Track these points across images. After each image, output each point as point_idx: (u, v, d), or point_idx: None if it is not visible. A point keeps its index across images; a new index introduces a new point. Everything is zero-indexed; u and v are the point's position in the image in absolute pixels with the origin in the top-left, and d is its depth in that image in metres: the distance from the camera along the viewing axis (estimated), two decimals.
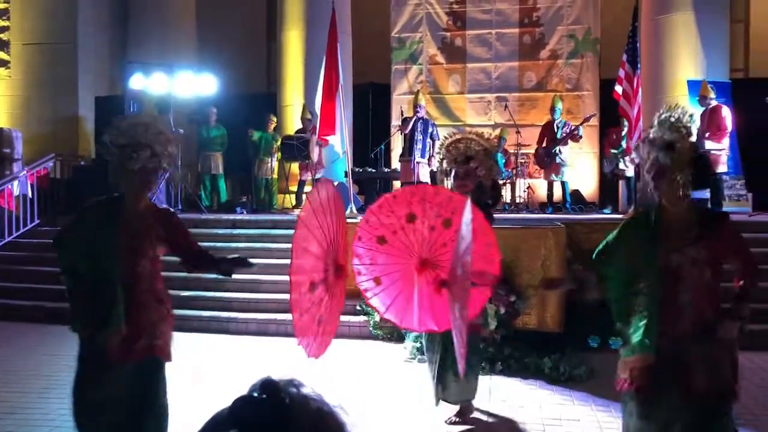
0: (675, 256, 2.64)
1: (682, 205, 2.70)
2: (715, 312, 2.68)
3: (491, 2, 12.69)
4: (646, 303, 2.67)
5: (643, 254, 2.71)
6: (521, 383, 5.35)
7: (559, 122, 10.60)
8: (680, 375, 2.63)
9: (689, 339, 2.63)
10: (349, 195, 8.66)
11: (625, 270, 2.78)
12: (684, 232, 2.66)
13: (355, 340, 6.68)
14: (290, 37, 11.96)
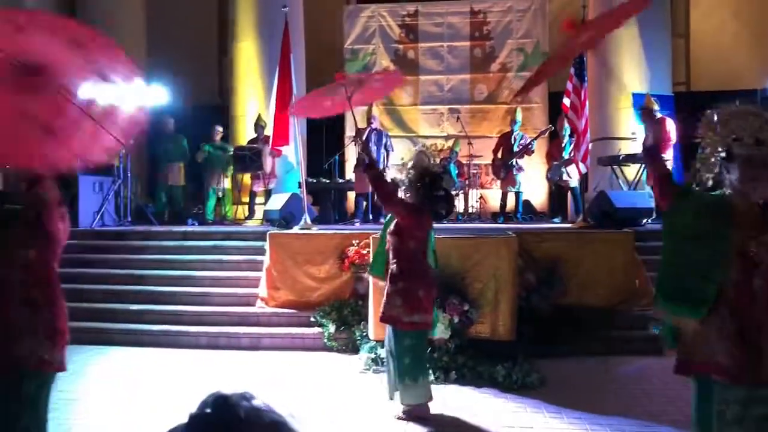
0: (753, 243, 2.67)
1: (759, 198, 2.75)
2: None
3: (443, 16, 12.86)
4: (714, 273, 2.70)
5: (719, 236, 2.72)
6: (475, 392, 5.39)
7: (517, 134, 10.78)
8: (755, 358, 2.63)
9: (763, 323, 2.65)
10: (303, 206, 8.61)
11: (690, 228, 2.80)
12: (758, 221, 2.70)
13: (309, 352, 6.63)
14: (242, 47, 11.88)
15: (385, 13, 12.97)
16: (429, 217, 4.73)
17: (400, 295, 4.49)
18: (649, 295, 6.97)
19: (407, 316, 4.48)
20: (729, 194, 2.78)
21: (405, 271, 4.51)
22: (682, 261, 2.79)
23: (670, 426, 4.49)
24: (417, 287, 4.51)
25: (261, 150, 10.29)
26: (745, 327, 2.64)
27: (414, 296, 4.49)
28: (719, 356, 2.66)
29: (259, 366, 6.19)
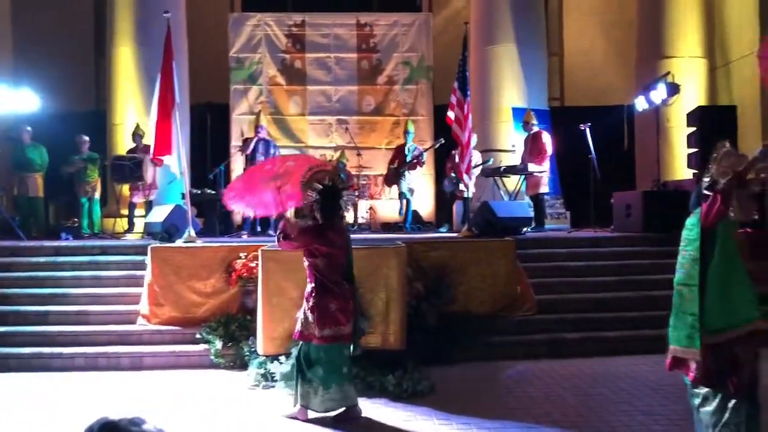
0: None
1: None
2: None
3: (329, 27, 12.90)
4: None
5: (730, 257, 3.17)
6: (366, 402, 5.38)
7: (410, 146, 10.96)
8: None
9: None
10: (187, 218, 8.32)
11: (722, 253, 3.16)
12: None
13: (196, 370, 6.40)
14: (121, 53, 11.38)
15: (272, 22, 12.85)
16: (337, 231, 4.89)
17: (312, 311, 4.71)
18: (531, 300, 7.29)
19: (320, 330, 4.68)
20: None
21: (317, 289, 4.72)
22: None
23: (553, 427, 4.69)
24: (328, 302, 4.70)
25: (141, 160, 9.86)
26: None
27: (326, 311, 4.69)
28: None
29: (143, 387, 5.90)
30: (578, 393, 5.56)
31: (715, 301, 3.11)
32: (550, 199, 11.36)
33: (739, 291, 3.13)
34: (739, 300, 3.13)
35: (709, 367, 3.09)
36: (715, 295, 3.10)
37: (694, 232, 3.20)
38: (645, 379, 5.89)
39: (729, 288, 3.13)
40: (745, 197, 3.06)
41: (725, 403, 3.10)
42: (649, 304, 7.48)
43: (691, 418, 3.44)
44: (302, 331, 4.79)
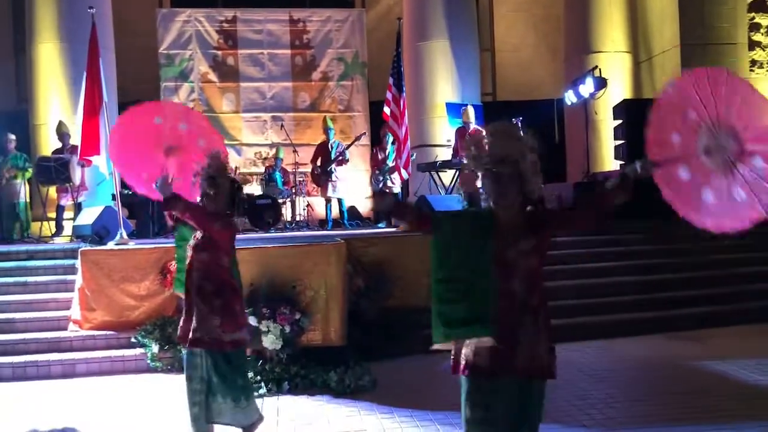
0: (510, 251, 2.83)
1: (515, 207, 2.91)
2: (540, 298, 2.92)
3: (262, 23, 12.76)
4: (481, 290, 2.82)
5: (479, 246, 2.83)
6: (309, 400, 5.38)
7: (333, 142, 10.92)
8: (512, 357, 2.82)
9: (519, 324, 2.83)
10: (119, 219, 8.08)
11: (455, 249, 2.87)
12: (516, 229, 2.86)
13: (132, 375, 6.24)
14: (43, 49, 10.95)
15: (202, 18, 12.60)
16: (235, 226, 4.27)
17: (218, 314, 3.94)
18: None
19: (229, 335, 3.98)
20: (494, 208, 2.96)
21: (221, 289, 3.99)
22: (457, 284, 2.88)
23: None
24: (234, 303, 4.07)
25: (68, 160, 9.52)
26: (505, 328, 2.84)
27: (233, 313, 4.03)
28: (482, 358, 2.86)
29: (76, 395, 5.70)
30: None
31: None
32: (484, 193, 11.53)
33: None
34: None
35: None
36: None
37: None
38: (579, 364, 6.07)
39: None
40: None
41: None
42: (582, 293, 7.73)
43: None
44: (206, 337, 3.94)
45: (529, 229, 2.88)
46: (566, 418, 4.67)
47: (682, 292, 7.92)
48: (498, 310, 2.83)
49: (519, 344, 2.84)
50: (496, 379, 2.85)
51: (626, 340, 6.99)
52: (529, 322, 2.86)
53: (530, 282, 2.90)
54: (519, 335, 2.84)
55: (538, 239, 2.89)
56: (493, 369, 2.83)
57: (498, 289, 2.83)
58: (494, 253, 2.83)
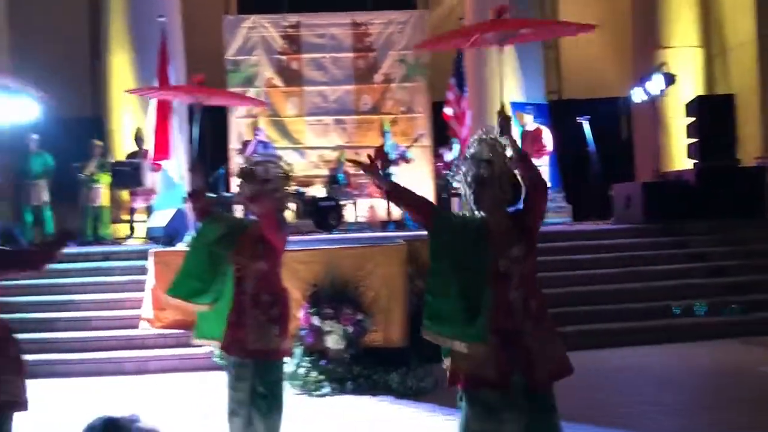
0: (504, 260, 2.82)
1: (501, 214, 2.91)
2: (539, 302, 2.87)
3: (325, 27, 12.91)
4: (477, 297, 2.81)
5: (475, 254, 2.84)
6: (372, 400, 5.41)
7: (390, 145, 10.96)
8: (521, 366, 2.78)
9: (520, 332, 2.80)
10: (188, 222, 8.33)
11: (453, 251, 2.87)
12: (506, 236, 2.85)
13: (200, 372, 6.41)
14: (117, 58, 11.38)
15: (267, 24, 12.85)
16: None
17: (276, 322, 3.73)
18: None
19: (283, 343, 3.80)
20: (483, 216, 2.94)
21: (278, 298, 3.78)
22: (450, 284, 2.87)
23: None
24: (288, 312, 3.90)
25: (140, 165, 9.88)
26: (506, 338, 2.80)
27: (287, 322, 3.85)
28: (485, 369, 2.80)
29: (148, 390, 5.92)
30: (580, 385, 5.54)
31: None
32: (550, 193, 11.32)
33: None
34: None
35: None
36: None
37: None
38: (649, 370, 5.89)
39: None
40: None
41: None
42: (651, 295, 7.51)
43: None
44: (265, 347, 3.68)
45: (518, 234, 2.85)
46: (634, 424, 4.54)
47: (757, 296, 7.58)
48: (496, 319, 2.80)
49: (524, 352, 2.80)
50: (503, 390, 2.79)
51: (697, 345, 6.74)
52: (530, 329, 2.82)
53: (527, 288, 2.86)
54: (522, 343, 2.80)
55: (528, 243, 2.86)
56: (499, 379, 2.79)
57: (494, 297, 2.81)
58: (489, 262, 2.82)
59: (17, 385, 2.91)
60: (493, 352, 2.77)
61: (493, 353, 2.77)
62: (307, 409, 5.19)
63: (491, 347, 2.76)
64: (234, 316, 3.71)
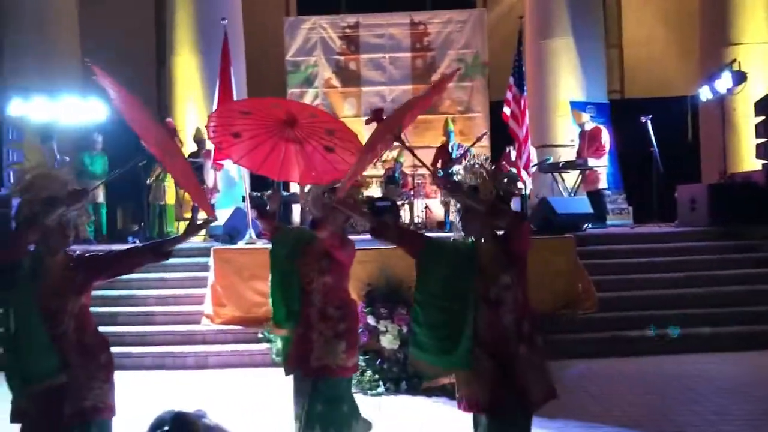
0: (494, 287, 2.85)
1: (489, 240, 2.93)
2: (531, 325, 2.90)
3: (384, 27, 12.95)
4: (463, 324, 2.82)
5: (463, 280, 2.88)
6: (427, 401, 5.40)
7: (453, 144, 10.88)
8: (515, 387, 2.81)
9: (511, 356, 2.83)
10: (248, 220, 8.49)
11: (441, 280, 2.92)
12: (495, 263, 2.88)
13: (258, 368, 6.53)
14: (181, 61, 11.70)
15: (326, 25, 12.98)
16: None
17: (344, 338, 3.66)
18: (592, 297, 7.15)
19: (351, 360, 3.71)
20: (474, 242, 2.98)
21: (346, 313, 3.71)
22: (432, 314, 2.93)
23: (615, 426, 4.60)
24: (356, 327, 3.87)
25: (202, 164, 10.12)
26: (501, 361, 2.81)
27: (355, 337, 3.80)
28: (480, 394, 2.85)
29: (207, 385, 6.06)
30: (642, 392, 5.43)
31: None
32: (611, 195, 11.10)
33: None
34: None
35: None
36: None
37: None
38: (713, 377, 5.70)
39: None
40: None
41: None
42: (715, 301, 7.26)
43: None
44: (333, 364, 3.61)
45: (506, 261, 2.86)
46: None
47: None
48: (490, 344, 2.78)
49: (518, 375, 2.81)
50: (499, 414, 2.83)
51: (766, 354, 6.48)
52: (524, 351, 2.79)
53: (519, 311, 2.84)
54: (517, 366, 2.82)
55: (517, 269, 2.87)
56: (494, 403, 2.81)
57: (487, 323, 2.78)
58: (479, 290, 2.81)
59: (105, 391, 3.01)
60: (488, 376, 2.81)
61: (489, 377, 2.80)
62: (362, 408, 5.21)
63: (486, 371, 2.81)
64: (301, 329, 3.67)
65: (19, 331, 2.89)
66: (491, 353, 2.80)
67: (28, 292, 2.90)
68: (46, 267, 2.99)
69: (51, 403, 2.86)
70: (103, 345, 3.08)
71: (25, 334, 2.87)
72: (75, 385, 2.90)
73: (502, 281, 2.84)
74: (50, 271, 2.98)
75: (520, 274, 2.90)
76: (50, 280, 2.95)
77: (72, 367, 2.90)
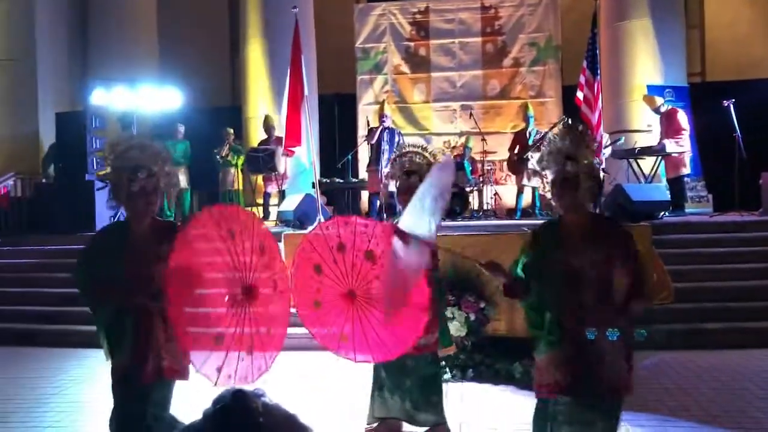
0: (576, 260, 2.72)
1: (582, 212, 2.79)
2: (614, 309, 2.75)
3: (454, 12, 12.82)
4: (551, 304, 2.75)
5: (549, 259, 2.81)
6: (493, 389, 5.38)
7: (531, 129, 10.70)
8: (593, 372, 2.71)
9: (593, 339, 2.72)
10: (317, 206, 8.62)
11: (535, 273, 2.89)
12: (584, 236, 2.75)
13: (317, 351, 6.62)
14: (254, 49, 11.93)
15: (396, 11, 12.96)
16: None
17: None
18: (668, 287, 6.91)
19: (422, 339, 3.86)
20: (561, 215, 2.89)
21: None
22: (535, 302, 2.92)
23: (690, 420, 4.45)
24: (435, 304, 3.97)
25: (274, 151, 10.32)
26: (579, 341, 2.70)
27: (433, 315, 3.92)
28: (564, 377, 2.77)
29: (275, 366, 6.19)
30: (718, 386, 5.23)
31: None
32: (690, 181, 10.70)
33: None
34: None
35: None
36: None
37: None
38: None
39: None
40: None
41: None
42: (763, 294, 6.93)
43: None
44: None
45: (597, 238, 2.73)
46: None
47: None
48: (569, 321, 2.67)
49: (595, 361, 2.71)
50: (572, 398, 2.75)
51: None
52: (604, 337, 2.66)
53: (604, 294, 2.69)
54: (594, 352, 2.70)
55: (609, 251, 2.73)
56: (567, 387, 2.74)
57: (566, 301, 2.68)
58: (562, 263, 2.69)
59: (179, 355, 3.16)
60: (565, 358, 2.75)
61: (572, 360, 2.74)
62: None
63: (564, 352, 2.75)
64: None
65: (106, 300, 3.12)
66: (576, 335, 2.71)
67: (116, 258, 3.08)
68: (132, 234, 3.16)
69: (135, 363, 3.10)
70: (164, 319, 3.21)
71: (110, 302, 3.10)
72: (156, 345, 3.11)
73: (588, 256, 2.74)
74: (136, 238, 3.14)
75: (611, 259, 2.77)
76: (136, 247, 3.11)
77: (155, 329, 3.10)
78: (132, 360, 3.11)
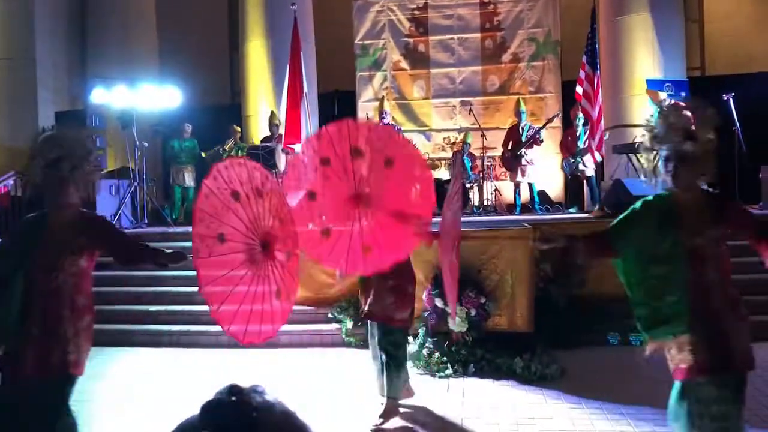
0: (698, 238, 2.68)
1: (697, 190, 2.76)
2: (734, 286, 2.75)
3: (452, 8, 12.80)
4: (674, 285, 2.69)
5: (666, 238, 2.73)
6: (494, 384, 5.38)
7: (524, 125, 10.70)
8: (719, 350, 2.67)
9: (719, 315, 2.68)
10: None
11: (642, 252, 2.79)
12: (701, 215, 2.71)
13: (328, 348, 6.65)
14: (253, 47, 11.92)
15: (395, 7, 12.94)
16: None
17: (392, 294, 4.43)
18: None
19: (400, 313, 4.47)
20: (673, 192, 2.78)
21: (394, 269, 4.02)
22: (650, 283, 2.79)
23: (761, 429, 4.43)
24: (407, 285, 4.52)
25: (274, 149, 10.32)
26: (706, 321, 2.66)
27: (405, 294, 4.50)
28: (699, 357, 2.69)
29: (278, 363, 6.22)
30: None
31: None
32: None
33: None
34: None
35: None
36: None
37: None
38: None
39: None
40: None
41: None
42: None
43: None
44: (380, 313, 4.50)
45: (713, 215, 2.66)
46: None
47: None
48: (695, 301, 2.63)
49: (725, 337, 2.66)
50: (715, 376, 2.68)
51: None
52: (730, 313, 2.63)
53: (723, 270, 2.66)
54: (722, 328, 2.66)
55: (724, 226, 2.68)
56: (709, 366, 2.67)
57: (690, 280, 2.63)
58: (682, 242, 2.64)
59: (84, 350, 3.16)
60: (698, 338, 2.69)
61: (698, 339, 2.69)
62: (429, 389, 5.25)
63: (695, 333, 2.68)
64: (366, 286, 4.55)
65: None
66: (703, 315, 2.67)
67: (29, 246, 3.07)
68: (50, 223, 3.15)
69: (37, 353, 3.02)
70: (90, 310, 3.23)
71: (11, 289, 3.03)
72: (63, 338, 3.06)
73: (708, 234, 2.69)
74: (52, 228, 3.13)
75: (724, 234, 2.75)
76: (50, 236, 3.11)
77: (63, 320, 3.06)
78: (33, 350, 3.02)
